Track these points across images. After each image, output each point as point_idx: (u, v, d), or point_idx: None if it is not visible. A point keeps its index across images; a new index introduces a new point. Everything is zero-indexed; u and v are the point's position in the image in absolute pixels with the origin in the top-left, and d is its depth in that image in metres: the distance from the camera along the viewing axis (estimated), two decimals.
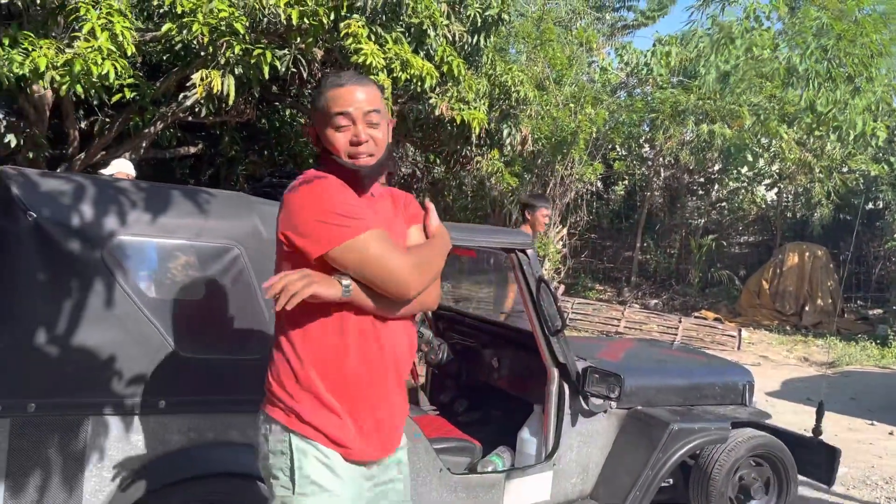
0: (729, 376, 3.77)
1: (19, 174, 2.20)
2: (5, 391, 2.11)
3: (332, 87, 1.79)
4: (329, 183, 1.74)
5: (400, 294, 1.73)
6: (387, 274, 1.69)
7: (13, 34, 5.61)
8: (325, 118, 1.78)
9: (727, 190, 17.24)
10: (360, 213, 1.71)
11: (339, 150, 1.77)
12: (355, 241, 1.68)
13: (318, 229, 1.68)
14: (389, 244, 1.73)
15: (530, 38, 11.81)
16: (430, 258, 1.84)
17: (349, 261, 1.68)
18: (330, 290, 1.65)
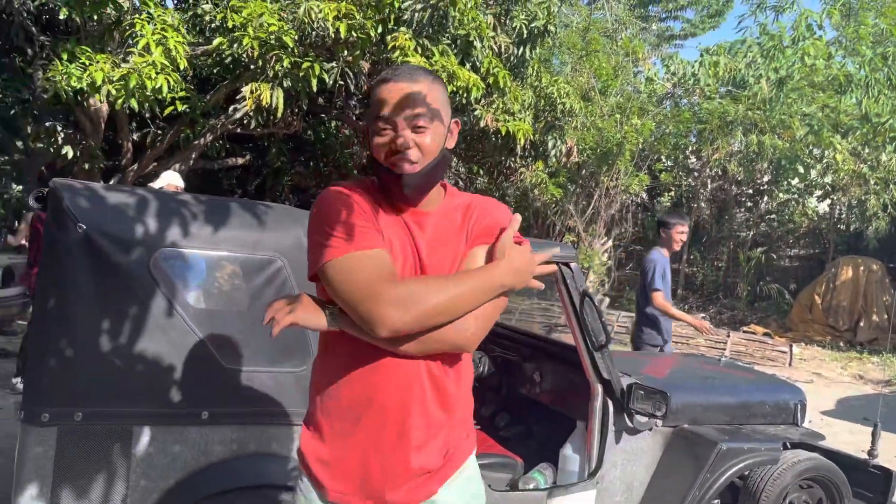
0: (780, 395, 3.65)
1: (71, 187, 2.26)
2: (53, 400, 2.16)
3: (380, 81, 1.60)
4: (329, 195, 1.58)
5: (370, 329, 1.46)
6: (357, 303, 1.46)
7: (71, 49, 5.79)
8: (369, 117, 1.62)
9: (777, 202, 16.85)
10: (351, 230, 1.51)
11: (378, 156, 1.60)
12: (336, 263, 1.48)
13: (311, 247, 1.56)
14: (375, 268, 1.48)
15: (576, 49, 11.75)
16: (439, 288, 1.49)
17: (329, 285, 1.51)
18: (313, 320, 1.51)
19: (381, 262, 1.50)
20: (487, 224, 1.65)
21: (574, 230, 12.57)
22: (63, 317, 2.19)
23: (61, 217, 2.18)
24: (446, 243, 1.62)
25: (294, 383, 2.44)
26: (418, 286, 1.49)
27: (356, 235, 1.51)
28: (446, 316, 1.50)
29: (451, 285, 1.51)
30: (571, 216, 12.51)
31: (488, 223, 1.65)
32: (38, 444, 2.16)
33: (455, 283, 1.52)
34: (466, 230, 1.65)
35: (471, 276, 1.54)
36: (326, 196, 1.58)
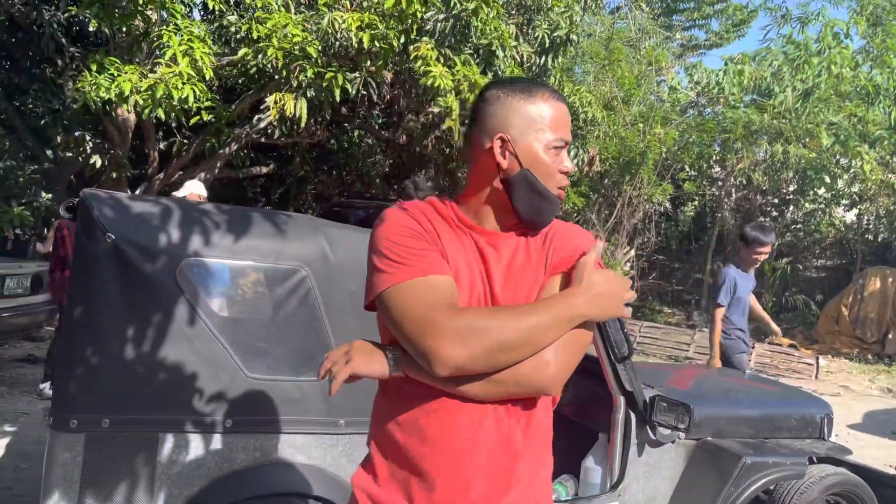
0: (805, 408, 3.61)
1: (100, 197, 2.30)
2: (81, 407, 2.19)
3: (552, 98, 1.49)
4: (388, 215, 1.45)
5: (427, 365, 1.30)
6: (414, 336, 1.31)
7: (100, 60, 5.89)
8: (537, 131, 1.46)
9: (803, 212, 16.65)
10: (410, 253, 1.37)
11: (545, 173, 1.46)
12: (393, 291, 1.35)
13: (368, 274, 1.43)
14: (435, 296, 1.33)
15: (598, 58, 11.74)
16: (509, 321, 1.32)
17: (386, 315, 1.37)
18: (373, 367, 1.38)
19: (441, 290, 1.35)
20: (570, 251, 1.50)
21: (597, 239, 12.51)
22: (91, 325, 2.23)
23: (91, 227, 2.23)
24: (524, 271, 1.48)
25: (317, 392, 2.46)
26: (483, 316, 1.33)
27: (415, 259, 1.38)
28: (517, 352, 1.32)
29: (522, 315, 1.34)
30: (594, 225, 12.45)
31: (570, 250, 1.50)
32: (67, 450, 2.20)
33: (527, 312, 1.35)
34: (546, 258, 1.50)
35: (545, 306, 1.38)
36: (384, 217, 1.46)
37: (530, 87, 1.49)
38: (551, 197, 1.48)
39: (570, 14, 7.63)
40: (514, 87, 1.49)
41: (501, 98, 1.49)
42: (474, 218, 1.50)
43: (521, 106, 1.47)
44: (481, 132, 1.50)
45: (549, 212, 1.49)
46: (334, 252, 2.55)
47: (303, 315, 2.48)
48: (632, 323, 12.14)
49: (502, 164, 1.46)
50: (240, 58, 6.55)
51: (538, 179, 1.46)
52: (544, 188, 1.47)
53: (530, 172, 1.46)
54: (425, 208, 1.50)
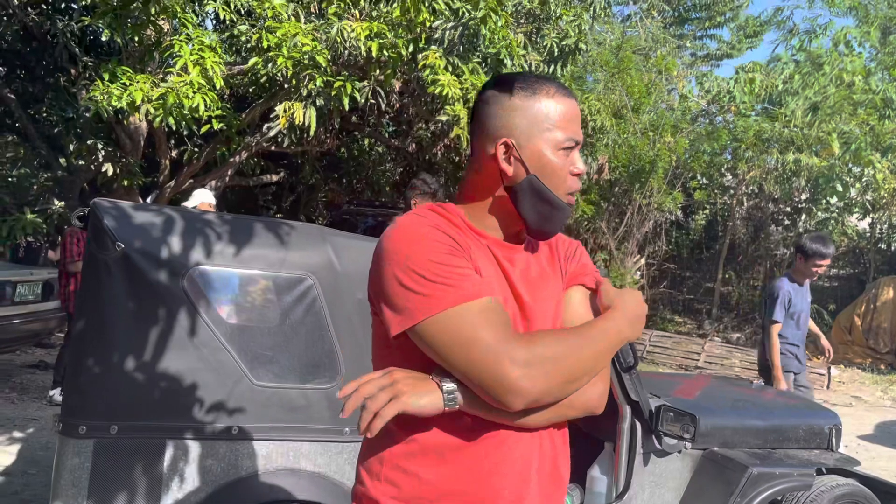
0: (814, 419, 3.59)
1: (110, 207, 2.33)
2: (90, 413, 2.22)
3: (560, 94, 1.37)
4: (409, 227, 1.29)
5: (500, 399, 1.19)
6: (480, 370, 1.18)
7: (112, 69, 5.95)
8: (544, 131, 1.34)
9: (815, 220, 16.57)
10: (452, 273, 1.23)
11: (555, 183, 1.35)
12: (441, 319, 1.20)
13: (392, 297, 1.25)
14: (495, 322, 1.21)
15: (608, 67, 11.75)
16: (572, 350, 1.25)
17: (434, 347, 1.22)
18: (422, 403, 1.20)
19: (500, 314, 1.24)
20: (583, 262, 1.48)
21: (606, 248, 12.50)
22: (101, 332, 2.26)
23: (100, 236, 2.26)
24: (544, 282, 1.41)
25: (322, 400, 2.48)
26: (552, 344, 1.24)
27: (462, 280, 1.23)
28: (584, 380, 1.28)
29: (587, 343, 1.28)
30: (603, 234, 12.44)
31: (583, 261, 1.49)
32: (75, 456, 2.22)
33: (589, 339, 1.29)
34: (559, 266, 1.46)
35: (600, 332, 1.31)
36: (405, 228, 1.29)
37: (534, 84, 1.36)
38: (561, 204, 1.36)
39: (578, 23, 7.66)
40: (515, 85, 1.37)
41: (502, 97, 1.36)
42: (480, 226, 1.39)
43: (525, 105, 1.35)
44: (483, 136, 1.39)
45: (559, 220, 1.38)
46: (340, 261, 2.57)
47: (309, 323, 2.50)
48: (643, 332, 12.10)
49: (507, 171, 1.35)
50: (250, 67, 6.61)
51: (546, 186, 1.34)
52: (553, 196, 1.35)
53: (537, 178, 1.34)
54: (441, 215, 1.36)
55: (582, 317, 1.41)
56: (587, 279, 1.46)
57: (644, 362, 11.09)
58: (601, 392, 1.35)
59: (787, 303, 4.86)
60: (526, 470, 1.32)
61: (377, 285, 1.28)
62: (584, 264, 1.48)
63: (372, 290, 1.31)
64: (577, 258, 1.49)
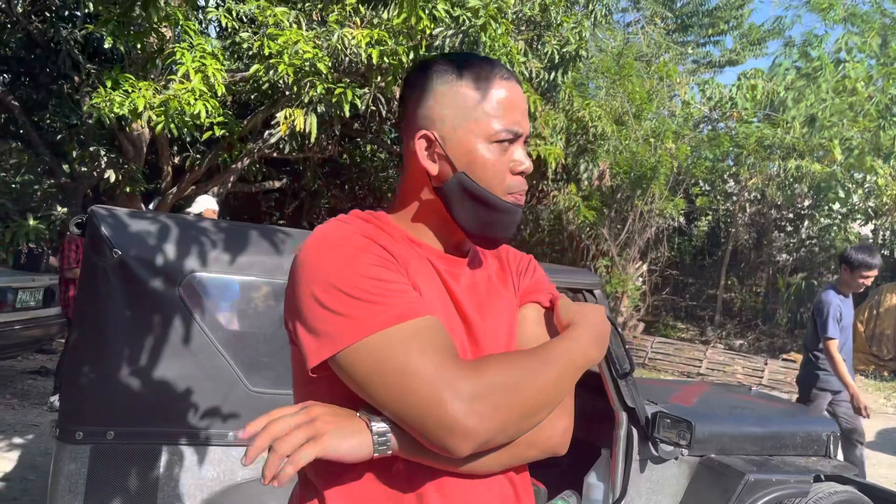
0: (811, 426, 3.59)
1: (108, 214, 2.35)
2: (87, 419, 2.23)
3: (496, 76, 1.13)
4: (332, 235, 1.08)
5: (441, 445, 0.96)
6: (418, 404, 0.95)
7: (115, 76, 5.99)
8: (474, 121, 1.11)
9: (818, 227, 16.56)
10: (383, 290, 1.01)
11: (492, 180, 1.12)
12: (368, 345, 0.98)
13: (311, 321, 1.02)
14: (435, 347, 0.99)
15: (610, 73, 11.78)
16: (527, 378, 1.02)
17: (358, 381, 0.99)
18: (346, 447, 0.96)
19: (438, 337, 1.01)
20: (536, 277, 1.30)
21: (608, 254, 12.50)
22: (98, 338, 2.27)
23: (98, 243, 2.27)
24: (494, 300, 1.20)
25: None
26: (503, 371, 1.01)
27: (395, 297, 1.01)
28: (544, 412, 1.06)
29: (543, 367, 1.06)
30: (605, 240, 12.45)
31: (537, 276, 1.30)
32: (72, 462, 2.23)
33: (546, 362, 1.07)
34: (512, 282, 1.27)
35: (562, 354, 1.10)
36: (326, 238, 1.07)
37: (465, 63, 1.14)
38: (503, 205, 1.13)
39: (579, 30, 7.69)
40: (443, 65, 1.15)
41: (425, 82, 1.14)
42: (417, 236, 1.18)
43: (450, 90, 1.13)
44: (406, 127, 1.18)
45: (504, 224, 1.15)
46: None
47: None
48: (643, 338, 12.10)
49: (430, 169, 1.14)
50: (252, 74, 6.65)
51: (478, 185, 1.12)
52: (489, 195, 1.12)
53: (466, 176, 1.12)
54: (369, 221, 1.16)
55: (539, 338, 1.20)
56: (542, 296, 1.27)
57: (646, 369, 11.08)
58: (566, 428, 1.14)
59: (838, 316, 4.67)
60: None
61: (293, 307, 1.06)
62: (537, 280, 1.29)
63: (287, 314, 1.08)
64: (531, 273, 1.30)
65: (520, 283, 1.28)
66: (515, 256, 1.32)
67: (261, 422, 0.96)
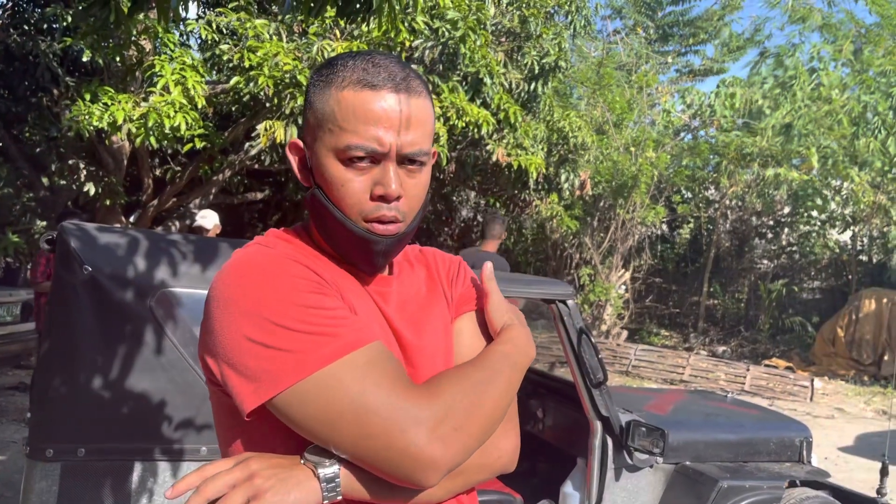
0: (785, 432, 3.63)
1: (78, 229, 2.35)
2: (57, 436, 2.23)
3: (364, 81, 0.99)
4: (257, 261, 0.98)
5: (409, 479, 0.91)
6: (377, 443, 0.89)
7: (94, 89, 5.98)
8: (326, 132, 1.01)
9: (797, 233, 16.75)
10: (332, 319, 0.94)
11: (345, 202, 1.01)
12: (318, 378, 0.90)
13: (250, 355, 0.91)
14: (388, 374, 0.93)
15: (590, 83, 11.88)
16: (480, 393, 0.98)
17: (307, 419, 0.91)
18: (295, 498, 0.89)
19: (390, 364, 0.95)
20: (467, 284, 1.22)
21: (591, 263, 12.57)
22: (68, 355, 2.27)
23: (68, 259, 2.27)
24: (427, 315, 1.13)
25: None
26: (458, 388, 0.97)
27: (337, 326, 0.93)
28: (498, 423, 1.02)
29: (491, 378, 1.01)
30: (588, 249, 12.52)
31: (467, 282, 1.22)
32: (43, 479, 2.23)
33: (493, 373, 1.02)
34: (443, 291, 1.19)
35: (503, 362, 1.05)
36: (249, 265, 0.97)
37: (334, 68, 1.02)
38: (356, 230, 1.01)
39: (558, 41, 7.76)
40: (324, 69, 1.05)
41: (310, 87, 1.06)
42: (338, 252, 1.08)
43: (317, 96, 1.03)
44: None
45: (362, 252, 1.04)
46: None
47: None
48: (627, 346, 12.15)
49: (302, 180, 1.08)
50: (232, 86, 6.66)
51: (331, 202, 1.02)
52: (341, 216, 1.01)
53: (320, 191, 1.03)
54: (289, 242, 1.08)
55: (476, 350, 1.12)
56: (474, 304, 1.20)
57: (629, 377, 11.13)
58: (515, 445, 1.10)
59: None
60: None
61: (215, 345, 0.94)
62: (468, 286, 1.21)
63: (207, 353, 0.96)
64: (462, 279, 1.21)
65: (452, 293, 1.19)
66: (444, 262, 1.24)
67: (191, 480, 0.88)
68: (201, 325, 0.99)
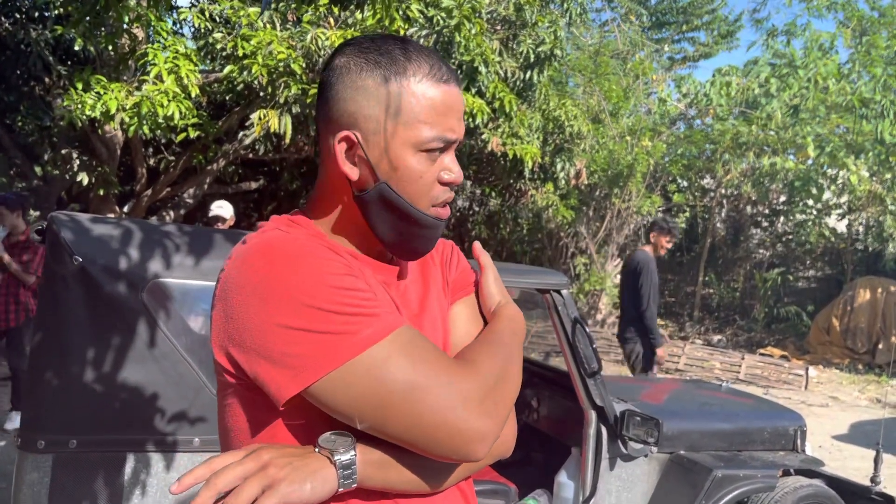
0: (779, 421, 3.64)
1: (68, 220, 2.33)
2: (49, 428, 2.21)
3: (432, 75, 1.01)
4: (300, 242, 0.96)
5: (459, 452, 0.91)
6: (430, 420, 0.89)
7: (86, 78, 5.94)
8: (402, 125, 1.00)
9: (793, 222, 16.76)
10: (368, 300, 0.93)
11: (417, 192, 1.02)
12: (362, 361, 0.89)
13: (288, 341, 0.89)
14: (431, 351, 0.95)
15: (586, 72, 11.84)
16: (507, 365, 1.02)
17: (355, 400, 0.89)
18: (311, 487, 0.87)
19: (429, 343, 0.96)
20: (462, 267, 1.23)
21: (586, 252, 12.57)
22: (59, 347, 2.25)
23: (58, 250, 2.25)
24: (426, 304, 1.14)
25: None
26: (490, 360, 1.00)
27: (376, 308, 0.93)
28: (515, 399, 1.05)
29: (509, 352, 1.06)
30: (584, 238, 12.52)
31: (462, 266, 1.24)
32: (34, 471, 2.22)
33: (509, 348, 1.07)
34: (439, 276, 1.20)
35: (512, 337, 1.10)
36: (274, 250, 0.94)
37: (396, 57, 1.00)
38: (426, 220, 1.04)
39: (554, 29, 7.72)
40: (370, 54, 1.01)
41: (351, 71, 1.01)
42: (339, 242, 1.08)
43: (378, 86, 1.00)
44: (325, 124, 1.05)
45: (424, 238, 1.07)
46: None
47: None
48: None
49: (350, 174, 1.03)
50: (226, 75, 6.62)
51: (401, 197, 1.02)
52: (413, 210, 1.03)
53: (388, 187, 1.02)
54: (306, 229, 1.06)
55: (473, 336, 1.14)
56: (470, 288, 1.22)
57: (625, 366, 11.15)
58: (513, 430, 1.13)
59: None
60: None
61: (240, 334, 0.91)
62: (463, 270, 1.23)
63: (231, 344, 0.93)
64: (455, 263, 1.23)
65: (448, 276, 1.20)
66: (438, 246, 1.23)
67: (200, 473, 0.85)
68: (216, 315, 0.96)
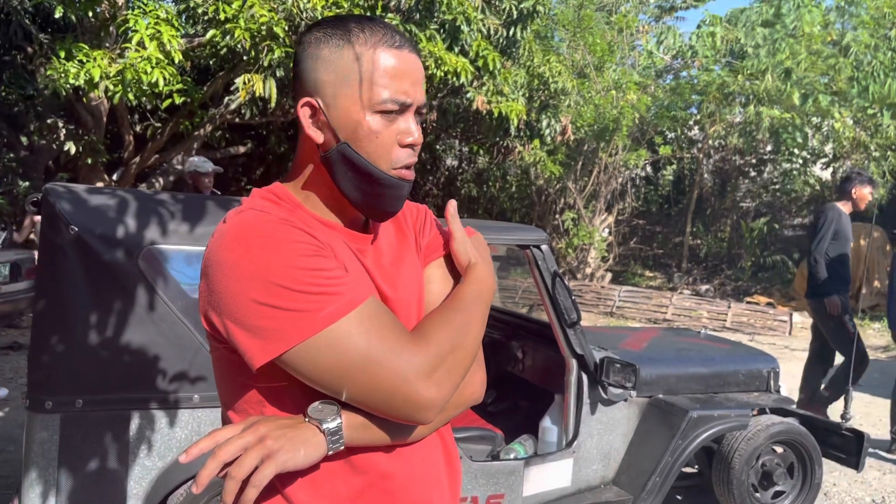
0: (753, 363, 3.81)
1: (63, 191, 2.42)
2: (55, 389, 2.34)
3: (387, 42, 1.09)
4: (255, 226, 1.03)
5: (411, 418, 1.04)
6: (383, 390, 1.01)
7: (68, 46, 5.92)
8: (357, 89, 1.08)
9: (779, 171, 16.87)
10: (334, 279, 1.01)
11: (375, 152, 1.10)
12: (328, 334, 0.99)
13: (259, 315, 0.98)
14: (387, 326, 1.04)
15: (570, 26, 11.79)
16: (462, 334, 1.11)
17: (318, 371, 1.00)
18: (302, 457, 1.00)
19: (387, 317, 1.06)
20: (434, 231, 1.30)
21: (574, 207, 12.68)
22: (60, 313, 2.37)
23: (54, 220, 2.35)
24: (400, 268, 1.21)
25: None
26: (444, 333, 1.09)
27: (339, 286, 1.01)
28: (472, 364, 1.14)
29: (468, 318, 1.14)
30: (571, 193, 12.61)
31: (434, 230, 1.31)
32: (43, 430, 2.35)
33: (468, 313, 1.14)
34: (412, 240, 1.27)
35: (475, 300, 1.17)
36: (249, 230, 1.02)
37: (351, 27, 1.10)
38: (388, 179, 1.11)
39: None
40: (330, 28, 1.11)
41: (313, 46, 1.11)
42: (317, 211, 1.16)
43: (334, 55, 1.09)
44: (296, 92, 1.14)
45: (389, 198, 1.13)
46: None
47: None
48: (611, 287, 12.37)
49: (315, 138, 1.11)
50: (209, 39, 6.60)
51: (361, 156, 1.09)
52: (374, 168, 1.10)
53: (349, 147, 1.09)
54: (277, 204, 1.13)
55: (444, 296, 1.22)
56: (442, 249, 1.28)
57: (613, 317, 11.36)
58: (482, 379, 1.23)
59: None
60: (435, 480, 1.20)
61: (220, 305, 1.01)
62: (436, 234, 1.30)
63: (213, 311, 1.02)
64: (429, 227, 1.30)
65: (421, 240, 1.28)
66: (412, 211, 1.31)
67: (204, 445, 0.98)
68: (202, 284, 1.05)
